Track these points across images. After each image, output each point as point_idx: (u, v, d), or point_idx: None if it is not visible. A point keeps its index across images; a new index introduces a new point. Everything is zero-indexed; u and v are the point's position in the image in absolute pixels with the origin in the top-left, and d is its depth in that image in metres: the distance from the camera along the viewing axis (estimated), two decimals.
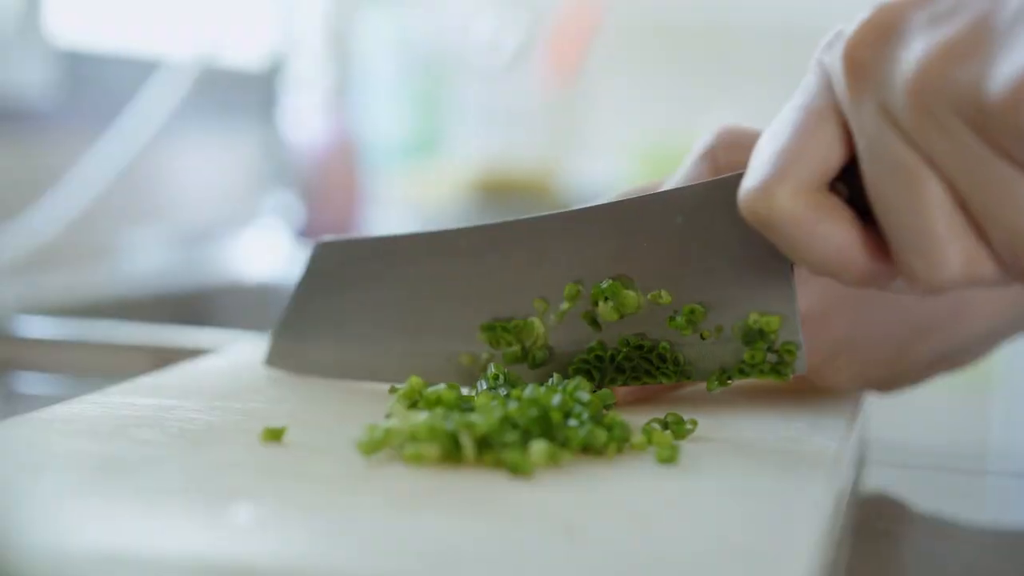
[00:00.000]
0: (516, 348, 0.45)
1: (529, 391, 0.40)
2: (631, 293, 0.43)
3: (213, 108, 1.39)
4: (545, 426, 0.38)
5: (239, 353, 0.56)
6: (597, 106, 1.78)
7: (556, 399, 0.39)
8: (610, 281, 0.44)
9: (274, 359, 0.52)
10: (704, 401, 0.46)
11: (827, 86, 0.37)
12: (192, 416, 0.43)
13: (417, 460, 0.37)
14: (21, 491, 0.34)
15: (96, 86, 1.23)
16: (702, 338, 0.43)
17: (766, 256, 0.40)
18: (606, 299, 0.44)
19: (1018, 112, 0.32)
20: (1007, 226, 0.34)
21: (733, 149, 0.44)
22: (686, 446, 0.39)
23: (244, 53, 1.49)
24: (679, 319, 0.43)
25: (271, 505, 0.34)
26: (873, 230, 0.37)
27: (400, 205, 1.57)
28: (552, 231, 0.45)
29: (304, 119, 1.48)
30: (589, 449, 0.38)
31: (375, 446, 0.37)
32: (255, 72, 1.51)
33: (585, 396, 0.40)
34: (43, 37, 1.14)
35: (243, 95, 1.49)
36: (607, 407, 0.42)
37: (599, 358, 0.44)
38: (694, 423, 0.41)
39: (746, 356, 0.42)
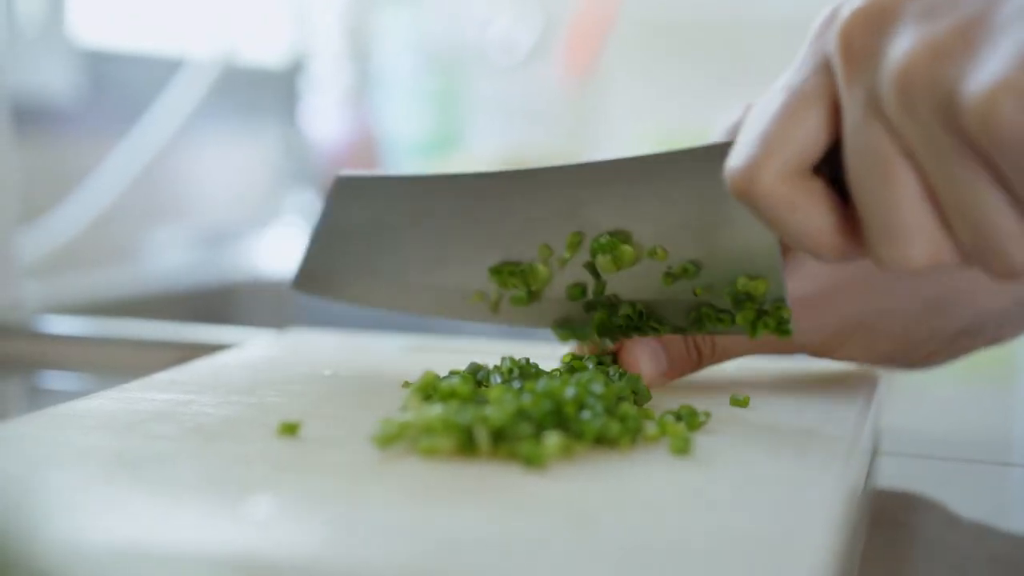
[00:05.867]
0: (522, 291, 0.47)
1: (543, 384, 0.40)
2: (628, 248, 0.45)
3: (234, 107, 1.40)
4: (559, 418, 0.38)
5: (254, 348, 0.57)
6: (613, 101, 1.78)
7: (570, 392, 0.39)
8: (608, 236, 0.45)
9: (301, 283, 0.53)
10: (717, 392, 0.46)
11: (822, 66, 0.38)
12: (208, 411, 0.43)
13: (432, 453, 0.37)
14: (38, 485, 0.35)
15: (118, 86, 1.24)
16: (695, 294, 0.44)
17: (754, 222, 0.42)
18: (605, 252, 0.45)
19: (990, 118, 0.33)
20: (969, 221, 0.35)
21: None
22: (699, 437, 0.40)
23: (264, 52, 1.49)
24: (674, 273, 0.44)
25: (287, 498, 0.34)
26: (850, 210, 0.38)
27: None
28: (563, 181, 0.46)
29: (324, 117, 1.49)
30: (603, 441, 0.38)
31: (390, 439, 0.38)
32: (275, 71, 1.52)
33: (599, 388, 0.40)
34: (66, 37, 1.15)
35: (264, 94, 1.50)
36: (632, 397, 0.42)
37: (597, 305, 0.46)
38: (707, 415, 0.41)
39: (738, 318, 0.44)
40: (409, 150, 1.66)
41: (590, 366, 0.45)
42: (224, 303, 1.18)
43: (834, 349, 0.48)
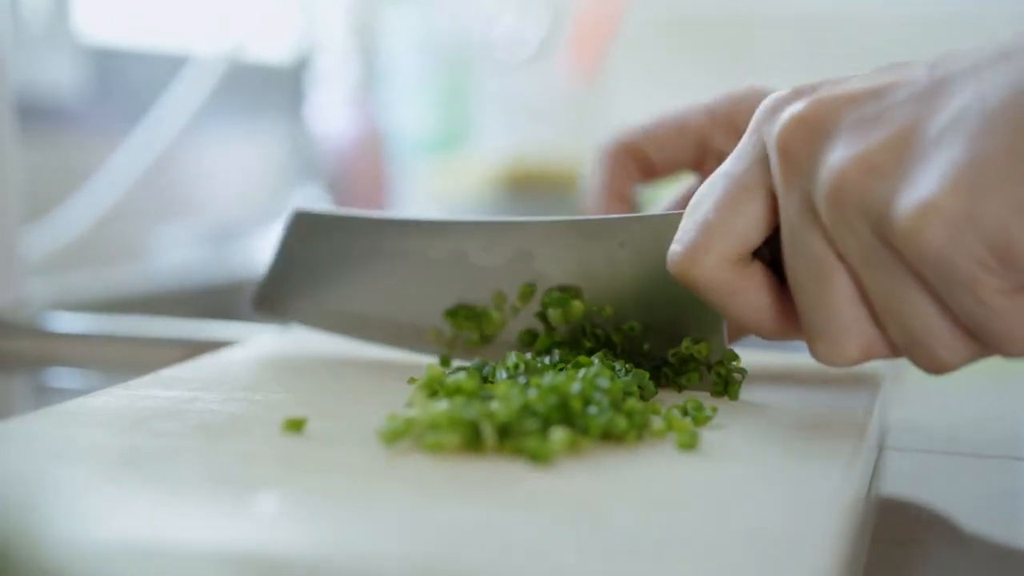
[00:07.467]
0: (475, 335, 0.49)
1: (548, 379, 0.40)
2: (578, 303, 0.47)
3: (240, 104, 1.40)
4: (565, 414, 0.38)
5: (259, 345, 0.57)
6: (620, 99, 1.78)
7: (576, 387, 0.39)
8: (558, 292, 0.47)
9: (259, 306, 0.55)
10: None
11: (762, 160, 0.39)
12: (213, 408, 0.43)
13: (437, 449, 0.37)
14: (43, 482, 0.35)
15: (124, 83, 1.24)
16: (642, 351, 0.46)
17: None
18: (555, 306, 0.47)
19: (918, 238, 0.35)
20: (900, 323, 0.37)
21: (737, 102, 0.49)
22: (706, 433, 0.39)
23: (271, 48, 1.49)
24: (622, 331, 0.46)
25: (292, 495, 0.34)
26: (789, 293, 0.40)
27: (427, 199, 1.57)
28: (519, 234, 0.48)
29: (330, 114, 1.49)
30: (609, 436, 0.38)
31: (396, 435, 0.37)
32: (282, 67, 1.52)
33: (605, 383, 0.40)
34: (71, 34, 1.15)
35: (270, 90, 1.50)
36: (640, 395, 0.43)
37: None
38: (714, 409, 0.41)
39: (682, 380, 0.45)
40: (415, 147, 1.66)
41: (596, 361, 0.45)
42: (230, 300, 1.18)
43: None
